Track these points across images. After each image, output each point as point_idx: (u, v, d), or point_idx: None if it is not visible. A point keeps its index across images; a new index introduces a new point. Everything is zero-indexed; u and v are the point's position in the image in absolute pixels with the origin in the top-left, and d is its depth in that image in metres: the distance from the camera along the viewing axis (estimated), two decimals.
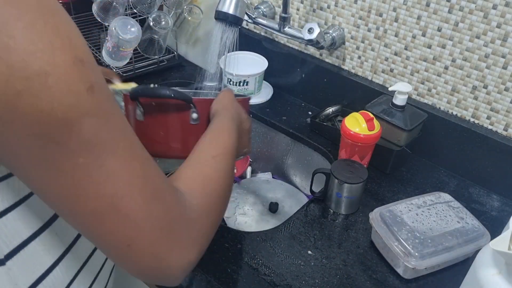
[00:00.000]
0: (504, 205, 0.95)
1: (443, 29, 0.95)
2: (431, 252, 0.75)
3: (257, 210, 1.10)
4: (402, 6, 0.98)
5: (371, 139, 0.93)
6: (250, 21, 1.14)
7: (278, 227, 0.88)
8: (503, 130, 0.96)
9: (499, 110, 0.94)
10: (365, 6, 1.04)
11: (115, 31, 1.10)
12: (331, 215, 0.91)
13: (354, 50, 1.11)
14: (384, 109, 0.99)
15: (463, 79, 0.97)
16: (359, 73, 1.13)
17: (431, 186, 0.99)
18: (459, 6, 0.91)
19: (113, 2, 1.16)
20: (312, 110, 1.21)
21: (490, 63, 0.92)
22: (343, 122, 0.95)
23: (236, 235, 0.85)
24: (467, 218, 0.81)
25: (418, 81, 1.04)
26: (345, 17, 1.09)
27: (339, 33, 1.10)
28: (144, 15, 1.22)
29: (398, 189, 0.97)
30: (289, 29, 1.09)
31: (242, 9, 1.04)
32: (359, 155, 0.95)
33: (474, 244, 0.78)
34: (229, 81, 1.20)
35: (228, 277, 0.77)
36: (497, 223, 0.89)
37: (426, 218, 0.80)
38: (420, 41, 0.99)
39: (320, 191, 0.94)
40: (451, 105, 1.01)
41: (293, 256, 0.81)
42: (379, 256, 0.82)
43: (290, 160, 1.20)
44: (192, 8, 1.29)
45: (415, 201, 0.84)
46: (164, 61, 1.35)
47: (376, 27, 1.04)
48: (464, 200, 0.94)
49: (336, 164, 0.91)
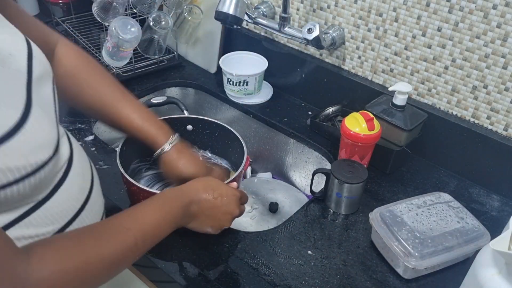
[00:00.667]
0: (504, 205, 0.95)
1: (443, 29, 0.95)
2: (431, 252, 0.75)
3: (257, 210, 1.10)
4: (402, 6, 0.98)
5: (371, 139, 0.93)
6: (250, 21, 1.14)
7: (278, 227, 0.88)
8: (503, 130, 0.96)
9: (499, 110, 0.94)
10: (365, 6, 1.04)
11: (115, 31, 1.10)
12: (331, 215, 0.91)
13: (354, 50, 1.11)
14: (384, 109, 0.99)
15: (463, 79, 0.97)
16: (359, 73, 1.13)
17: (431, 186, 0.99)
18: (459, 6, 0.91)
19: (113, 2, 1.16)
20: (312, 110, 1.21)
21: (490, 63, 0.92)
22: (343, 122, 0.95)
23: (236, 235, 0.85)
24: (467, 218, 0.81)
25: (418, 81, 1.04)
26: (345, 17, 1.09)
27: (339, 33, 1.10)
28: (144, 15, 1.22)
29: (398, 189, 0.97)
30: (289, 29, 1.09)
31: (242, 9, 1.04)
32: (359, 155, 0.95)
33: (474, 244, 0.78)
34: (229, 81, 1.20)
35: (228, 277, 0.77)
36: (497, 223, 0.89)
37: (426, 218, 0.80)
38: (420, 41, 0.99)
39: (320, 191, 0.94)
40: (451, 105, 1.01)
41: (293, 256, 0.81)
42: (379, 256, 0.82)
43: (290, 160, 1.20)
44: (192, 8, 1.29)
45: (415, 201, 0.84)
46: (164, 61, 1.35)
47: (376, 27, 1.04)
48: (464, 200, 0.94)
49: (336, 164, 0.91)
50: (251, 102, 1.23)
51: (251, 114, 1.21)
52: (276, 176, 1.26)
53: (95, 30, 1.39)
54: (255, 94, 1.23)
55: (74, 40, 1.36)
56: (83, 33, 1.38)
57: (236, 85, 1.20)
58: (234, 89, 1.21)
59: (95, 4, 1.15)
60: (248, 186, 1.17)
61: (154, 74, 1.32)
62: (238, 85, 1.20)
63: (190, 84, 1.32)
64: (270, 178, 1.24)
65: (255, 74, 1.19)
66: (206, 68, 1.35)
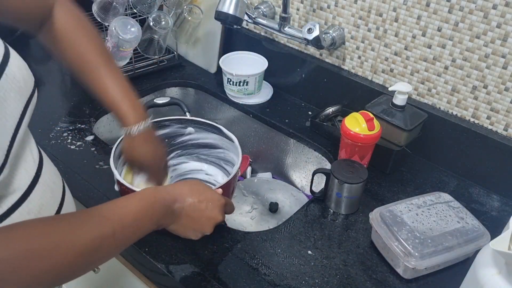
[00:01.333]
0: (504, 205, 0.95)
1: (443, 29, 0.95)
2: (431, 252, 0.75)
3: (257, 210, 1.10)
4: (402, 6, 0.98)
5: (371, 139, 0.93)
6: (250, 21, 1.14)
7: (278, 227, 0.88)
8: (503, 130, 0.96)
9: (499, 110, 0.94)
10: (365, 6, 1.04)
11: (115, 31, 1.10)
12: (331, 215, 0.91)
13: (354, 50, 1.11)
14: (384, 109, 0.99)
15: (463, 79, 0.97)
16: (359, 73, 1.13)
17: (431, 186, 0.99)
18: (459, 6, 0.91)
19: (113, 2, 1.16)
20: (312, 110, 1.21)
21: (490, 63, 0.92)
22: (343, 122, 0.95)
23: (236, 235, 0.85)
24: (467, 218, 0.81)
25: (418, 81, 1.04)
26: (345, 17, 1.09)
27: (339, 33, 1.10)
28: (144, 15, 1.22)
29: (398, 189, 0.97)
30: (289, 29, 1.09)
31: (242, 9, 1.04)
32: (359, 155, 0.95)
33: (474, 244, 0.78)
34: (229, 81, 1.20)
35: (228, 277, 0.77)
36: (497, 223, 0.89)
37: (426, 218, 0.80)
38: (420, 41, 0.99)
39: (320, 191, 0.94)
40: (451, 105, 1.01)
41: (293, 256, 0.81)
42: (379, 256, 0.82)
43: (290, 160, 1.20)
44: (192, 8, 1.29)
45: (415, 201, 0.84)
46: (164, 61, 1.35)
47: (376, 27, 1.04)
48: (464, 200, 0.94)
49: (336, 164, 0.90)
50: (251, 102, 1.23)
51: (251, 114, 1.21)
52: (276, 176, 1.26)
53: None
54: (255, 94, 1.23)
55: None
56: None
57: (236, 85, 1.20)
58: (234, 89, 1.21)
59: (95, 4, 1.15)
60: (248, 186, 1.17)
61: (154, 74, 1.32)
62: (238, 85, 1.20)
63: (190, 84, 1.32)
64: (270, 178, 1.24)
65: (255, 74, 1.19)
66: (206, 68, 1.35)
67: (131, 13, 1.22)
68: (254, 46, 1.26)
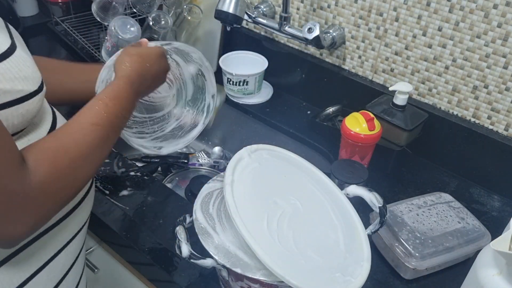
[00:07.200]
0: (505, 205, 0.95)
1: (443, 28, 0.95)
2: (432, 252, 0.75)
3: None
4: (403, 6, 0.98)
5: (372, 139, 0.93)
6: (250, 21, 1.14)
7: None
8: (503, 130, 0.95)
9: (499, 110, 0.94)
10: (366, 6, 1.04)
11: (115, 31, 1.10)
12: None
13: (355, 50, 1.11)
14: (384, 109, 0.99)
15: (463, 78, 0.96)
16: (359, 72, 1.13)
17: (431, 186, 0.99)
18: (459, 5, 0.91)
19: (112, 1, 1.16)
20: (312, 110, 1.21)
21: (491, 62, 0.92)
22: (344, 122, 0.95)
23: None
24: (467, 218, 0.81)
25: (418, 81, 1.03)
26: (345, 17, 1.08)
27: (339, 33, 1.10)
28: (143, 14, 1.22)
29: (399, 189, 0.97)
30: (289, 28, 1.09)
31: (242, 8, 1.04)
32: (359, 155, 0.95)
33: (474, 245, 0.78)
34: (229, 80, 1.20)
35: None
36: (498, 223, 0.89)
37: (426, 218, 0.80)
38: (420, 41, 0.99)
39: None
40: (452, 105, 1.00)
41: None
42: (380, 257, 0.82)
43: None
44: (192, 7, 1.28)
45: (416, 202, 0.84)
46: None
47: (377, 26, 1.04)
48: (465, 200, 0.94)
49: (336, 164, 0.90)
50: (251, 102, 1.22)
51: (251, 114, 1.21)
52: None
53: (94, 30, 1.39)
54: (255, 94, 1.23)
55: (74, 39, 1.36)
56: (83, 32, 1.37)
57: (236, 85, 1.20)
58: (234, 89, 1.21)
59: (95, 4, 1.15)
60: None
61: None
62: (238, 85, 1.20)
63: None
64: None
65: (255, 74, 1.19)
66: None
67: (130, 13, 1.22)
68: (254, 46, 1.26)
